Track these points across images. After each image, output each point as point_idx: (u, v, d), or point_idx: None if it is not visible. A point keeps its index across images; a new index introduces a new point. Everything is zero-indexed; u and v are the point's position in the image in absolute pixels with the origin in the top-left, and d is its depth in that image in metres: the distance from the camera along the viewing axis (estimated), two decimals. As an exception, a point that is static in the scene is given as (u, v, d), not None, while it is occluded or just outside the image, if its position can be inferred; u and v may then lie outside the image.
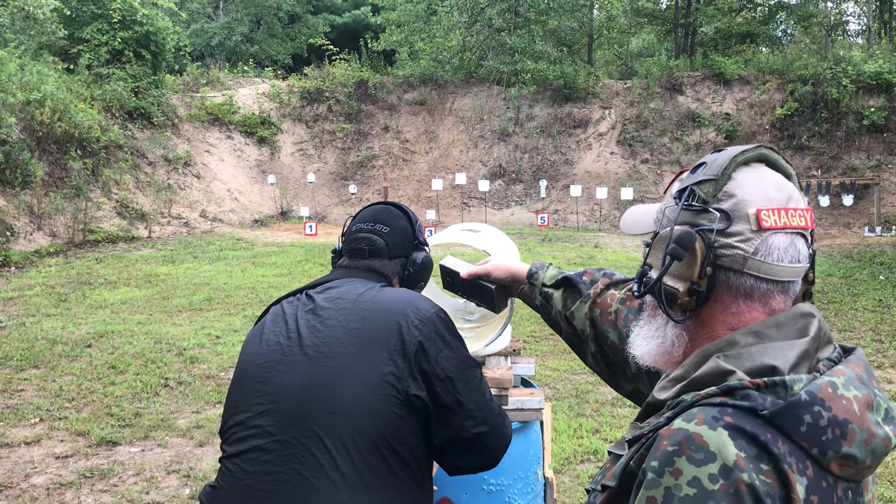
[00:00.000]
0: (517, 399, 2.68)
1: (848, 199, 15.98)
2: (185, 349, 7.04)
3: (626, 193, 16.82)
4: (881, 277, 10.79)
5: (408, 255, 2.04)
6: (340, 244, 2.10)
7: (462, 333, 2.91)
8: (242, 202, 18.05)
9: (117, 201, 14.82)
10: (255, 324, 1.95)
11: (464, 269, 1.89)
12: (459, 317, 3.13)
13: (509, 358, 2.98)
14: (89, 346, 7.15)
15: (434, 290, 2.74)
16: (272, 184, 18.62)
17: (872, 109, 17.01)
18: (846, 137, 17.41)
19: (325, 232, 16.25)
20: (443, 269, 1.92)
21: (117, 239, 13.80)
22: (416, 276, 2.05)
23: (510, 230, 15.56)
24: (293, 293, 1.96)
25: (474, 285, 1.88)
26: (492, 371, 2.73)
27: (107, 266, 11.44)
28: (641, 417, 1.12)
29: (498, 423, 1.82)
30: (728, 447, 0.92)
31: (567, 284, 1.75)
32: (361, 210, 2.12)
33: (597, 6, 26.16)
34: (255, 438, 1.68)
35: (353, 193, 19.06)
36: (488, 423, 1.78)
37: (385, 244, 1.99)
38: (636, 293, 1.17)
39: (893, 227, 15.38)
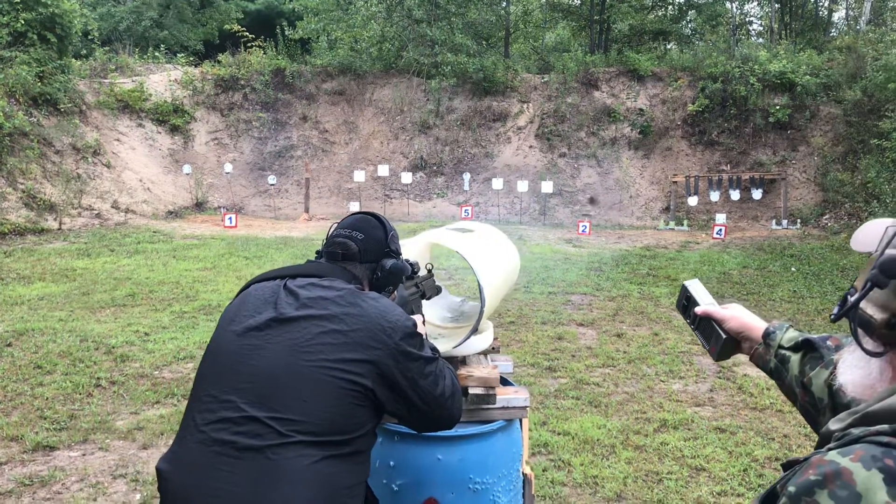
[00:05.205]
0: (503, 398, 2.68)
1: (757, 194, 16.67)
2: (113, 347, 6.78)
3: (546, 187, 17.07)
4: (793, 269, 11.30)
5: (378, 261, 2.27)
6: (323, 247, 2.32)
7: (438, 331, 2.95)
8: (156, 193, 17.45)
9: (24, 191, 14.10)
10: (236, 296, 2.17)
11: (704, 301, 1.85)
12: (448, 316, 3.14)
13: (489, 356, 3.00)
14: (9, 345, 6.79)
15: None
16: (187, 174, 18.07)
17: (777, 107, 17.76)
18: (753, 134, 18.13)
19: (244, 224, 15.89)
20: (684, 288, 1.93)
21: (25, 231, 13.14)
22: (384, 280, 2.28)
23: (433, 223, 15.59)
24: (272, 277, 2.16)
25: (707, 324, 1.82)
26: (477, 370, 2.74)
27: (17, 260, 10.88)
28: (817, 448, 1.03)
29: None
30: (877, 492, 0.82)
31: (808, 348, 1.57)
32: (345, 217, 2.36)
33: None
34: (226, 411, 1.86)
35: (271, 184, 18.68)
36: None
37: (358, 250, 2.23)
38: (832, 316, 1.09)
39: (798, 221, 16.13)
